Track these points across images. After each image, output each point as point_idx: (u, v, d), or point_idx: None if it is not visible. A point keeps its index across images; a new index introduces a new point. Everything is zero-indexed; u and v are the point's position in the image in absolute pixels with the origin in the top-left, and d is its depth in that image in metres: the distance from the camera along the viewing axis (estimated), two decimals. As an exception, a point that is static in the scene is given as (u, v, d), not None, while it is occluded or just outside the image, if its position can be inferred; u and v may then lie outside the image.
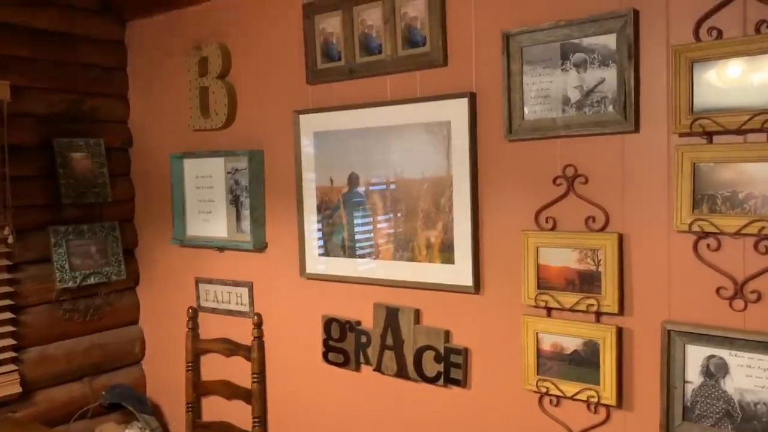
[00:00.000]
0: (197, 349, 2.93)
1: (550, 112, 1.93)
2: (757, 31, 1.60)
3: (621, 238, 1.84)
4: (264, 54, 2.65)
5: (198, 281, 2.96)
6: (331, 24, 2.40)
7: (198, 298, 2.97)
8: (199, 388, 2.93)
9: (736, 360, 1.68)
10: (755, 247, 1.64)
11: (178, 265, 3.03)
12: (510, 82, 1.99)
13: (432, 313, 2.25)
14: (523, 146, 2.01)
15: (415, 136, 2.22)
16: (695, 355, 1.73)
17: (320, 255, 2.52)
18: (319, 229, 2.52)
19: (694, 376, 1.74)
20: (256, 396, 2.73)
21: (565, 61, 1.89)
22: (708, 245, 1.70)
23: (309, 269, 2.55)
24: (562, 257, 1.93)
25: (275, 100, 2.63)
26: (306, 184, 2.53)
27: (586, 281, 1.89)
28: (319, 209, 2.51)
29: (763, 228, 1.60)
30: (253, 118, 2.72)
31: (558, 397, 1.97)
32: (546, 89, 1.94)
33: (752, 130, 1.61)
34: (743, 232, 1.63)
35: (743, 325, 1.67)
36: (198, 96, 2.81)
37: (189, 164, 2.92)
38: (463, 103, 2.10)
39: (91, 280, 2.93)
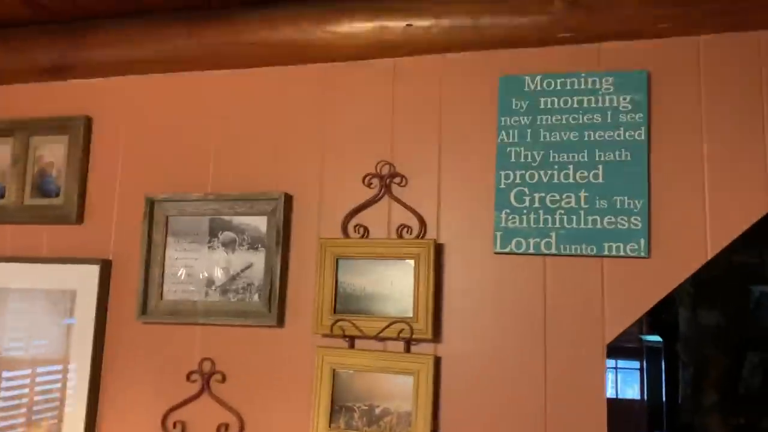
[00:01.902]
0: None
1: (193, 294, 1.66)
2: (399, 235, 1.56)
3: (257, 451, 1.56)
4: None
5: None
6: (-56, 153, 1.91)
7: None
8: None
9: None
10: (391, 468, 1.47)
11: None
12: (150, 253, 1.70)
13: None
14: (158, 330, 1.69)
15: (30, 304, 1.77)
16: None
17: None
18: None
19: None
20: None
21: (213, 238, 1.67)
22: (345, 465, 1.50)
23: None
24: (188, 472, 1.57)
25: None
26: None
27: (214, 504, 1.54)
28: None
29: (399, 448, 1.45)
30: None
31: None
32: (191, 267, 1.68)
33: (390, 338, 1.50)
34: (379, 451, 1.46)
35: None
36: None
37: None
38: (93, 271, 1.73)
39: None
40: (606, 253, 1.43)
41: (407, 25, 1.56)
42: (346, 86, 1.66)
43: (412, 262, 1.51)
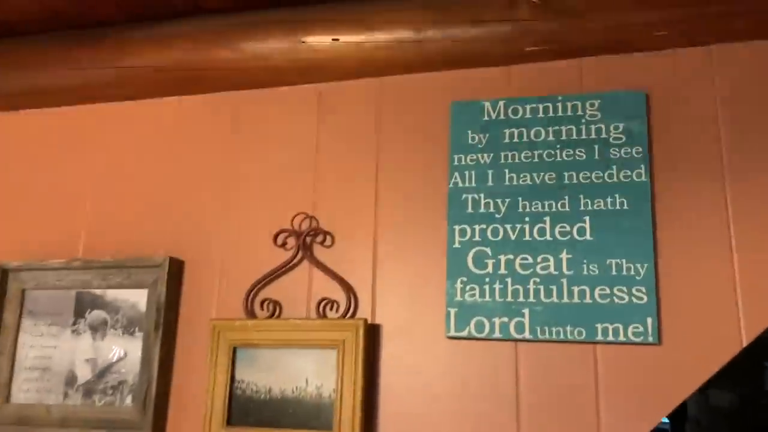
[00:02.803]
0: None
1: (48, 394, 1.24)
2: (321, 313, 1.15)
3: None
4: None
5: None
6: None
7: None
8: None
9: None
10: None
11: None
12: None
13: None
14: (2, 446, 1.25)
15: None
16: None
17: None
18: None
19: None
20: None
21: (80, 319, 1.26)
22: None
23: None
24: None
25: None
26: None
27: None
28: None
29: None
30: None
31: None
32: (48, 357, 1.26)
33: (303, 462, 1.07)
34: None
35: None
36: None
37: None
38: (-76, 365, 1.31)
39: None
40: (600, 337, 1.03)
41: (333, 39, 1.21)
42: (255, 119, 1.30)
43: (335, 351, 1.09)
